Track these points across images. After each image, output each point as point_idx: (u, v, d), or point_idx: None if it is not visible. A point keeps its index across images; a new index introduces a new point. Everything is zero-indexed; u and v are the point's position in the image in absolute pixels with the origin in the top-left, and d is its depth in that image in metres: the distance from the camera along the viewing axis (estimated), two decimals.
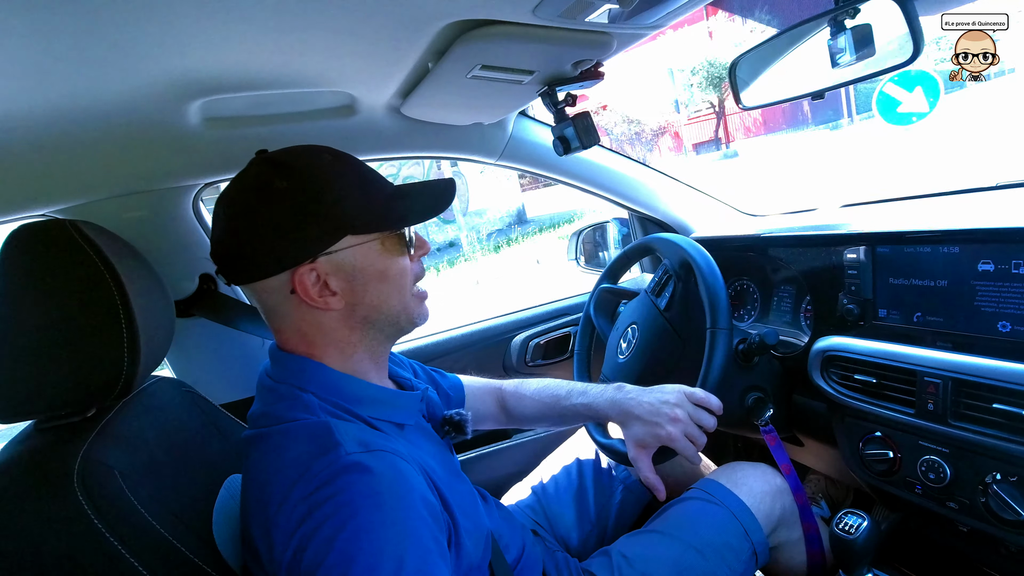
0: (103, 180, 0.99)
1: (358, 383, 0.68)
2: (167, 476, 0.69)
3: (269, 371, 0.70)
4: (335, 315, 0.66)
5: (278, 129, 0.99)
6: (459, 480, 0.79)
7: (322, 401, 0.64)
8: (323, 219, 0.62)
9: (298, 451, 0.58)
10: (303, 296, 0.63)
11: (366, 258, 0.66)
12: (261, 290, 0.65)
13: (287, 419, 0.62)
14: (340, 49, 0.72)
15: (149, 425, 0.74)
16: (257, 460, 0.63)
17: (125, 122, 0.81)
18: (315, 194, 0.63)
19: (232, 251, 0.64)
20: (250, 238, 0.62)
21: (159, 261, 0.86)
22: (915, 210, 1.08)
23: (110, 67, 0.64)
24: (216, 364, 1.25)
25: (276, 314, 0.67)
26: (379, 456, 0.58)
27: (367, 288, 0.67)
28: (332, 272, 0.64)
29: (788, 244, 1.15)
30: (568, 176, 1.39)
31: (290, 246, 0.62)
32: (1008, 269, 0.78)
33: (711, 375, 0.89)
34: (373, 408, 0.67)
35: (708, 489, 0.96)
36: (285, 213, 0.62)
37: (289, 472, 0.57)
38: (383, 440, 0.62)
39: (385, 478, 0.56)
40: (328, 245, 0.63)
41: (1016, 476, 0.78)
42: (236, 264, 0.64)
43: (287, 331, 0.68)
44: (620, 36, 0.77)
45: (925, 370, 0.85)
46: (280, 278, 0.63)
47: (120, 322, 0.66)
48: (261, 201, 0.62)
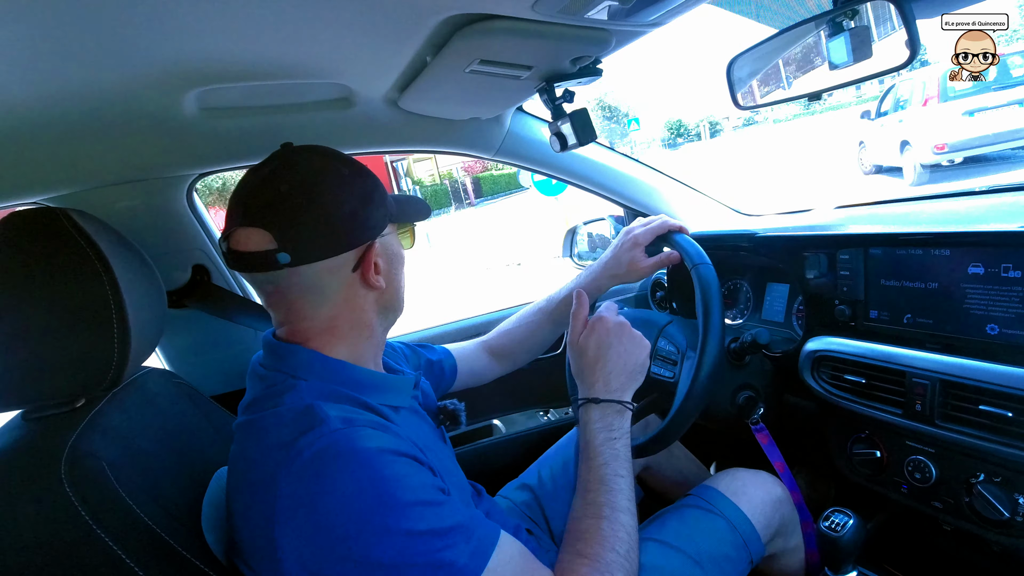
0: (97, 168, 0.98)
1: (352, 368, 0.69)
2: (156, 468, 0.69)
3: (261, 360, 0.70)
4: (373, 296, 0.71)
5: (274, 120, 0.98)
6: (453, 466, 0.79)
7: (311, 385, 0.64)
8: (379, 205, 0.69)
9: (282, 432, 0.58)
10: (364, 273, 0.68)
11: (394, 245, 0.74)
12: (323, 269, 0.65)
13: (275, 404, 0.62)
14: (338, 41, 0.72)
15: (138, 416, 0.73)
16: (242, 446, 0.63)
17: (120, 110, 0.80)
18: (372, 183, 0.69)
19: (309, 230, 0.63)
20: (333, 217, 0.64)
21: (152, 251, 0.85)
22: (908, 213, 1.08)
23: (106, 55, 0.63)
24: (208, 356, 1.25)
25: (320, 295, 0.66)
26: (364, 429, 0.58)
27: (395, 272, 0.74)
28: (381, 254, 0.70)
29: (782, 244, 1.16)
30: (565, 173, 1.39)
31: (365, 224, 0.67)
32: (997, 272, 0.79)
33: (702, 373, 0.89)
34: (367, 391, 0.68)
35: (707, 497, 0.95)
36: (358, 195, 0.67)
37: (274, 454, 0.57)
38: (370, 416, 0.63)
39: (373, 447, 0.56)
40: (383, 228, 0.70)
41: (1000, 477, 0.79)
42: (312, 241, 0.63)
43: (315, 314, 0.67)
44: (619, 33, 0.77)
45: (914, 371, 0.86)
46: (346, 256, 0.66)
47: (111, 312, 0.65)
48: (337, 185, 0.65)
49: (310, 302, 0.67)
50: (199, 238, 1.17)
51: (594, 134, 0.96)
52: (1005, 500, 0.78)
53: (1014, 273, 0.78)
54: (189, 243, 1.16)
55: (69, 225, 0.66)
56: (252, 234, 0.62)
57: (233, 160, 1.09)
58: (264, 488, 0.56)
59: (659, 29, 0.79)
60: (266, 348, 0.70)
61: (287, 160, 0.66)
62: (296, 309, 0.67)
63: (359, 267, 0.67)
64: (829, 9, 0.80)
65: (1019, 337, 0.77)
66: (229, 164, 1.10)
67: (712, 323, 0.89)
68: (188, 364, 1.22)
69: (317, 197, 0.64)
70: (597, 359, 0.84)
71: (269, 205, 0.62)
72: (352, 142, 1.13)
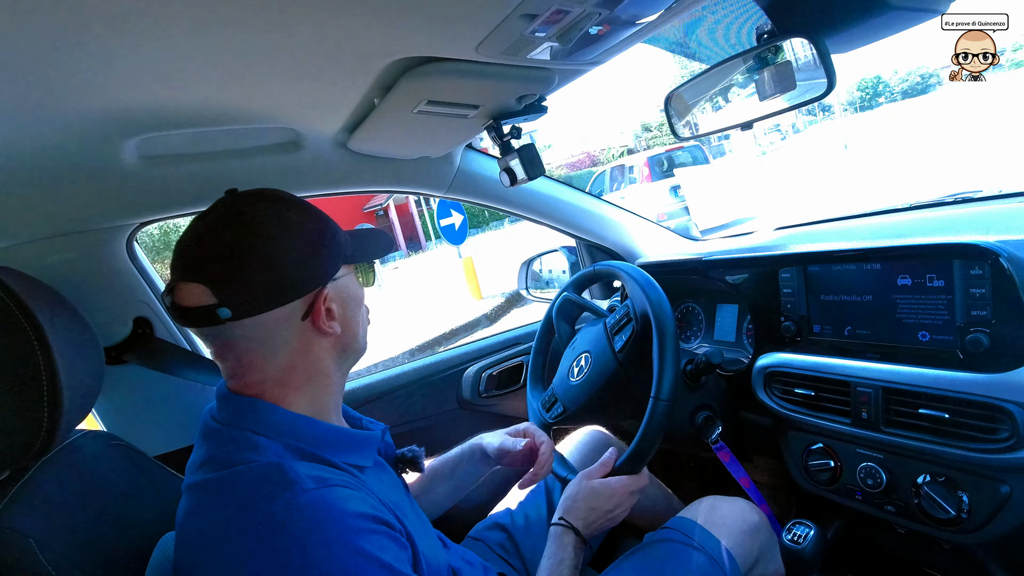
0: (27, 222, 0.93)
1: (315, 424, 0.66)
2: (92, 541, 0.64)
3: (215, 414, 0.66)
4: (327, 343, 0.68)
5: (220, 165, 0.96)
6: (418, 517, 0.77)
7: (274, 442, 0.61)
8: (331, 247, 0.67)
9: (248, 494, 0.55)
10: (315, 321, 0.65)
11: (351, 286, 0.71)
12: (269, 320, 0.62)
13: (236, 462, 0.58)
14: (285, 86, 0.72)
15: (71, 485, 0.68)
16: (199, 507, 0.59)
17: (55, 161, 0.77)
18: (323, 225, 0.67)
19: (252, 281, 0.60)
20: (277, 265, 0.62)
21: (89, 306, 0.81)
22: (842, 231, 1.15)
23: (40, 104, 0.61)
24: (151, 413, 1.17)
25: (269, 346, 0.63)
26: (339, 490, 0.56)
27: (351, 315, 0.71)
28: (333, 298, 0.67)
29: (728, 266, 1.21)
30: (517, 207, 1.41)
31: (314, 270, 0.65)
32: (923, 283, 0.85)
33: (645, 440, 0.88)
34: (332, 450, 0.65)
35: (686, 530, 0.94)
36: (306, 241, 0.64)
37: (240, 517, 0.53)
38: (341, 476, 0.60)
39: (349, 511, 0.54)
40: (335, 272, 0.67)
41: (944, 477, 0.83)
42: (255, 293, 0.60)
43: (268, 364, 0.64)
44: (561, 72, 0.81)
45: (857, 380, 0.90)
46: (294, 305, 0.63)
47: (40, 375, 0.61)
48: (283, 232, 0.63)
49: (259, 355, 0.64)
50: (140, 289, 1.12)
51: (542, 168, 0.98)
52: (950, 498, 0.82)
53: (938, 283, 0.83)
54: (130, 295, 1.10)
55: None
56: (192, 288, 0.60)
57: (177, 208, 1.06)
58: (227, 556, 0.53)
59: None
60: (220, 401, 0.66)
61: (231, 208, 0.63)
62: (246, 362, 0.64)
63: (309, 315, 0.65)
64: (753, 46, 0.86)
65: (948, 342, 0.83)
66: (172, 212, 1.07)
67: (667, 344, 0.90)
68: (129, 423, 1.15)
69: (261, 246, 0.61)
70: (596, 508, 0.87)
71: (209, 257, 0.60)
72: (301, 185, 1.12)
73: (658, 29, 0.72)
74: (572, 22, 0.62)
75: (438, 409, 1.47)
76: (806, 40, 0.78)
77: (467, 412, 1.49)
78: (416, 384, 1.45)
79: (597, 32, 0.67)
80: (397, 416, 1.42)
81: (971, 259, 0.79)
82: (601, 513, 0.87)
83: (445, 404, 1.48)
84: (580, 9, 0.59)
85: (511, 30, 0.62)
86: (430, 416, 1.46)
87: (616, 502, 0.88)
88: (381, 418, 0.86)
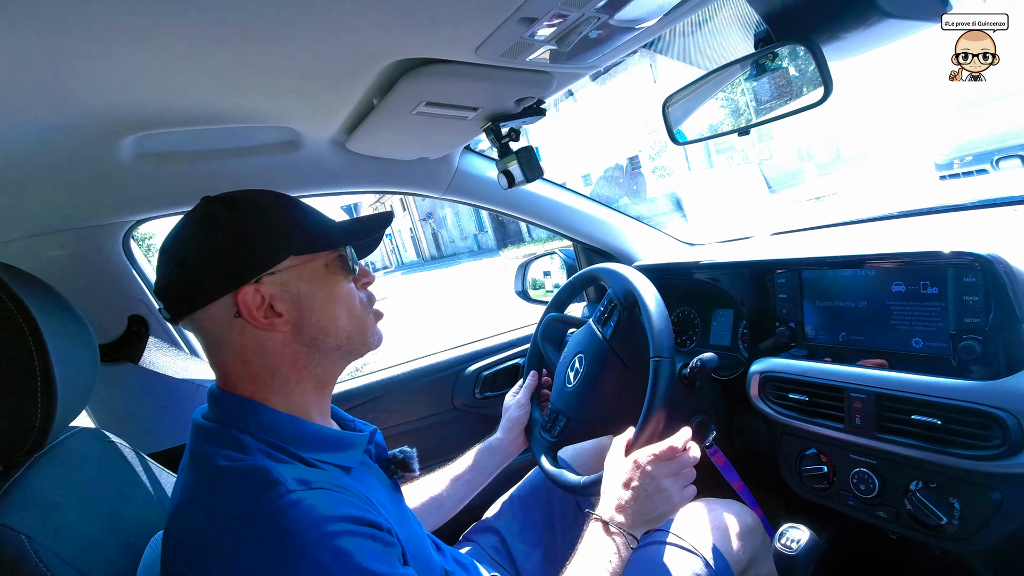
0: (23, 218, 0.93)
1: (300, 423, 0.65)
2: (84, 538, 0.63)
3: (205, 412, 0.66)
4: (281, 338, 0.65)
5: (218, 164, 0.96)
6: (409, 520, 0.76)
7: (259, 442, 0.61)
8: (264, 239, 0.64)
9: (235, 495, 0.55)
10: (248, 318, 0.62)
11: (311, 279, 0.67)
12: (206, 319, 0.63)
13: (221, 460, 0.58)
14: (284, 86, 0.72)
15: (64, 482, 0.67)
16: (184, 505, 0.59)
17: (52, 158, 0.77)
18: (257, 219, 0.64)
19: (176, 283, 0.63)
20: (194, 265, 0.62)
21: (84, 303, 0.80)
22: (838, 237, 1.16)
23: (38, 102, 0.61)
24: (145, 411, 1.17)
25: (219, 345, 0.65)
26: (322, 493, 0.56)
27: (314, 309, 0.66)
28: (277, 293, 0.64)
29: (724, 271, 1.21)
30: (514, 209, 1.41)
31: (234, 267, 0.62)
32: (917, 289, 0.86)
33: (656, 401, 0.91)
34: (316, 450, 0.64)
35: (678, 532, 0.94)
36: (228, 236, 0.62)
37: (224, 522, 0.53)
38: (326, 477, 0.60)
39: (331, 514, 0.54)
40: (271, 265, 0.63)
41: (936, 483, 0.84)
42: (181, 295, 0.63)
43: (230, 364, 0.65)
44: (560, 75, 0.81)
45: (851, 386, 0.90)
46: (224, 302, 0.62)
47: (34, 371, 0.60)
48: (204, 230, 0.63)
49: (214, 352, 0.66)
50: (136, 287, 1.11)
51: (541, 171, 0.98)
52: (942, 505, 0.82)
53: (932, 290, 0.84)
54: (125, 293, 1.10)
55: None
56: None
57: (174, 206, 1.06)
58: (210, 555, 0.53)
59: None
60: (209, 400, 0.67)
61: (188, 213, 0.66)
62: (216, 361, 0.66)
63: (240, 312, 0.62)
64: (751, 52, 0.87)
65: (942, 349, 0.83)
66: (169, 210, 1.07)
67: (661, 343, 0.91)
68: (122, 421, 1.14)
69: (181, 248, 0.63)
70: (627, 489, 0.80)
71: (160, 261, 0.65)
72: (299, 185, 1.12)
73: (657, 34, 0.72)
74: (571, 26, 0.62)
75: (434, 410, 1.47)
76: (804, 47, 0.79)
77: (462, 413, 1.49)
78: (412, 385, 1.44)
79: (596, 36, 0.67)
80: (392, 417, 1.41)
81: (964, 266, 0.80)
82: (638, 495, 0.80)
83: (441, 406, 1.48)
84: (579, 13, 0.59)
85: (510, 33, 0.62)
86: (426, 417, 1.46)
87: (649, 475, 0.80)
88: (376, 420, 0.86)
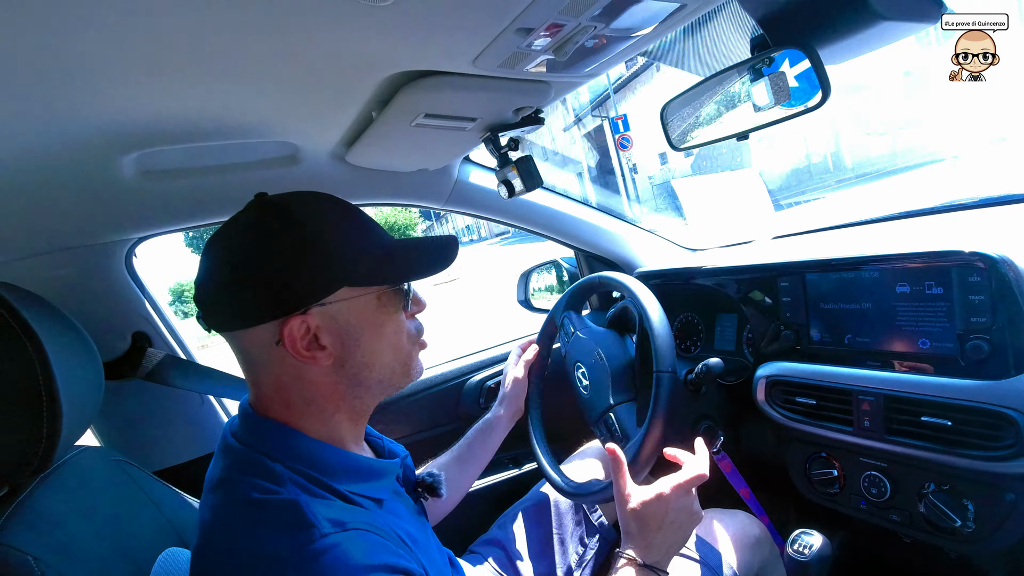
0: (26, 237, 0.93)
1: (334, 452, 0.62)
2: (91, 557, 0.63)
3: (236, 431, 0.63)
4: (321, 370, 0.61)
5: (218, 180, 0.97)
6: (434, 548, 0.75)
7: (291, 471, 0.58)
8: (319, 268, 0.58)
9: (266, 533, 0.52)
10: (290, 349, 0.58)
11: (361, 313, 0.62)
12: (245, 338, 0.60)
13: (253, 492, 0.55)
14: (283, 100, 0.72)
15: (70, 502, 0.67)
16: (215, 537, 0.56)
17: (53, 176, 0.78)
18: (312, 241, 0.58)
19: (218, 296, 0.59)
20: (239, 283, 0.57)
21: (87, 321, 0.81)
22: (841, 239, 1.15)
23: (38, 119, 0.61)
24: (150, 429, 1.17)
25: (257, 366, 0.61)
26: (357, 535, 0.53)
27: (359, 345, 0.62)
28: (324, 325, 0.59)
29: (727, 275, 1.21)
30: (515, 219, 1.42)
31: (282, 294, 0.57)
32: (922, 290, 0.85)
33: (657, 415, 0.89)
34: (350, 480, 0.61)
35: (688, 544, 0.93)
36: (279, 259, 0.57)
37: (256, 559, 0.51)
38: (360, 516, 0.57)
39: (366, 563, 0.51)
40: (322, 296, 0.59)
41: (948, 485, 0.83)
42: (221, 310, 0.59)
43: (265, 386, 0.62)
44: (558, 84, 0.81)
45: (858, 388, 0.90)
46: (267, 327, 0.58)
47: (39, 391, 0.60)
48: (255, 243, 0.58)
49: (250, 371, 0.62)
50: (139, 304, 1.12)
51: (540, 180, 0.98)
52: (955, 507, 0.81)
53: (936, 290, 0.83)
54: (129, 309, 1.10)
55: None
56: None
57: (176, 223, 1.06)
58: None
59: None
60: (241, 418, 0.64)
61: (240, 213, 0.61)
62: (250, 379, 0.63)
63: (282, 341, 0.58)
64: (748, 57, 0.87)
65: (948, 349, 0.82)
66: (171, 227, 1.07)
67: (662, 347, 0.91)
68: (128, 439, 1.14)
69: (227, 255, 0.59)
70: (653, 529, 0.77)
71: (202, 263, 0.60)
72: None
73: (654, 41, 0.72)
74: (568, 36, 0.62)
75: (439, 422, 1.47)
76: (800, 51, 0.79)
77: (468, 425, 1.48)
78: (417, 396, 1.44)
79: (593, 45, 0.67)
80: (398, 429, 1.41)
81: (969, 266, 0.79)
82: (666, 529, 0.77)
83: (446, 417, 1.48)
84: (576, 23, 0.59)
85: (507, 44, 0.62)
86: (431, 428, 1.46)
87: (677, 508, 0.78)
88: (384, 430, 0.85)
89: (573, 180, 17.82)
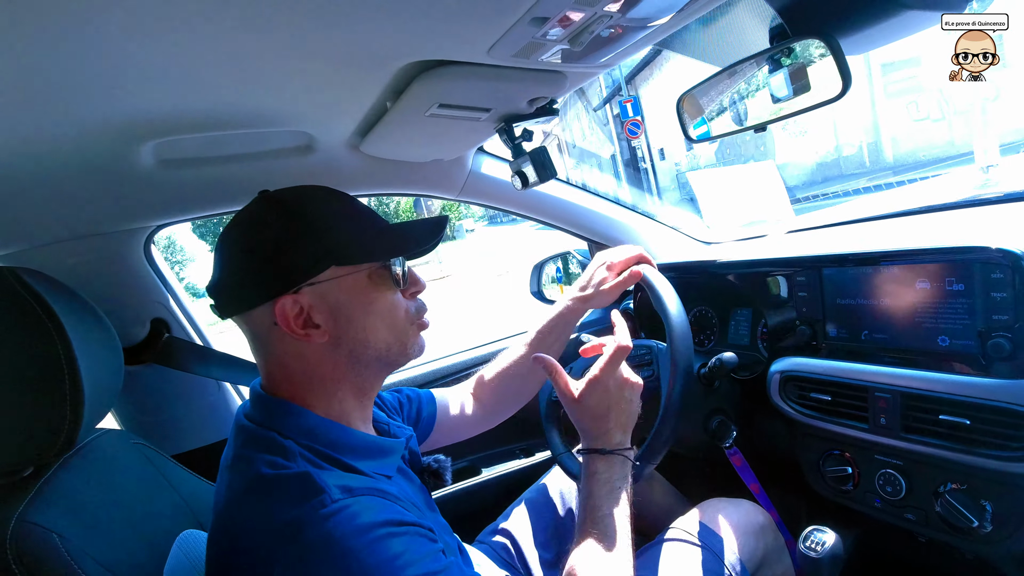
0: (47, 225, 0.95)
1: (341, 429, 0.65)
2: (112, 537, 0.65)
3: (248, 411, 0.66)
4: (319, 348, 0.64)
5: (234, 169, 0.98)
6: (441, 528, 0.76)
7: (302, 447, 0.60)
8: (307, 248, 0.62)
9: (279, 504, 0.55)
10: (285, 328, 0.62)
11: (352, 291, 0.65)
12: (250, 321, 0.65)
13: (265, 468, 0.58)
14: (298, 90, 0.73)
15: (92, 482, 0.69)
16: (231, 511, 0.59)
17: (72, 165, 0.79)
18: (301, 225, 0.63)
19: (222, 283, 0.64)
20: (237, 268, 0.63)
21: (107, 307, 0.82)
22: (858, 233, 1.14)
23: (57, 109, 0.62)
24: (169, 413, 1.20)
25: (262, 347, 0.66)
26: (366, 499, 0.56)
27: (352, 322, 0.65)
28: (316, 304, 0.63)
29: (742, 269, 1.19)
30: (529, 209, 1.41)
31: (273, 275, 0.62)
32: (942, 286, 0.84)
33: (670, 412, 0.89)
34: (357, 457, 0.64)
35: (690, 530, 0.94)
36: (269, 243, 0.62)
37: (269, 529, 0.54)
38: (368, 482, 0.60)
39: (375, 520, 0.54)
40: (311, 275, 0.62)
41: (966, 485, 0.82)
42: (226, 296, 0.64)
43: (271, 367, 0.66)
44: (572, 74, 0.81)
45: (875, 385, 0.88)
46: (263, 309, 0.62)
47: (63, 374, 0.62)
48: (249, 233, 0.64)
49: (258, 352, 0.67)
50: (157, 291, 1.14)
51: (554, 171, 0.98)
52: (972, 507, 0.80)
53: (958, 286, 0.82)
54: (147, 296, 1.12)
55: (18, 285, 0.63)
56: None
57: (193, 211, 1.08)
58: (255, 559, 0.53)
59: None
60: (252, 399, 0.68)
61: (243, 207, 0.66)
62: (259, 360, 0.67)
63: (277, 321, 0.61)
64: (767, 48, 0.85)
65: (968, 347, 0.81)
66: (188, 215, 1.09)
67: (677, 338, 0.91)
68: (146, 423, 1.17)
69: (228, 248, 0.64)
70: (603, 415, 0.78)
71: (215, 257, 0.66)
72: None
73: (670, 31, 0.71)
74: (583, 25, 0.62)
75: None
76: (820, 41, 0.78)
77: None
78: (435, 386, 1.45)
79: (608, 35, 0.66)
80: None
81: (991, 262, 0.78)
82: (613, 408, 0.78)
83: None
84: (591, 12, 0.58)
85: (522, 33, 0.62)
86: None
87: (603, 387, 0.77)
88: None
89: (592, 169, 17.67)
